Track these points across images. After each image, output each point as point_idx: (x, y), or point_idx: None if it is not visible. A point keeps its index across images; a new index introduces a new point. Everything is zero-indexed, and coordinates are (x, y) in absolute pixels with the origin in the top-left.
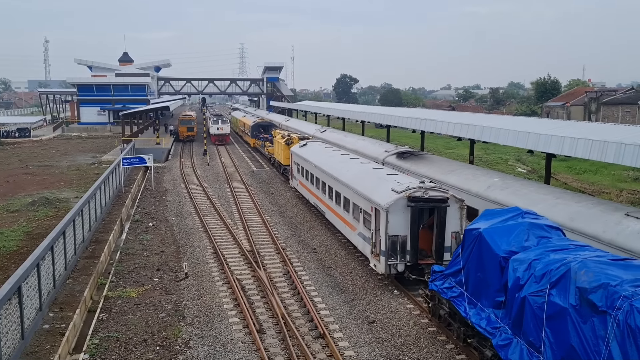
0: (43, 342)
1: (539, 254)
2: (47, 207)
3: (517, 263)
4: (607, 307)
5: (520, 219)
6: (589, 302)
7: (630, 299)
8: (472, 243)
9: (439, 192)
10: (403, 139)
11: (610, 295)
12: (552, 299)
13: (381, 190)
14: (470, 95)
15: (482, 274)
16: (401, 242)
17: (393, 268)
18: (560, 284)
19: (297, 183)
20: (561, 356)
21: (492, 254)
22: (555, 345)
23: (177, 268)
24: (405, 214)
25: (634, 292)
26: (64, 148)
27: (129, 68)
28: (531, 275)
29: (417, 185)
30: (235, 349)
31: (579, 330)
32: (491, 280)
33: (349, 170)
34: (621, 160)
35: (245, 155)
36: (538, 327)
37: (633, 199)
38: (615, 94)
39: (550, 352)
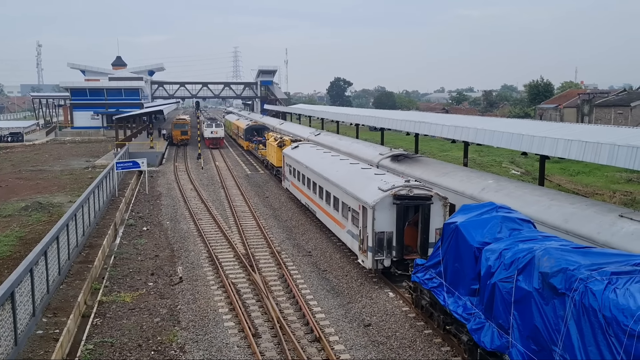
0: (37, 348)
1: (509, 244)
2: (40, 212)
3: (489, 253)
4: (566, 289)
5: (495, 213)
6: (550, 286)
7: (586, 281)
8: (450, 236)
9: (423, 190)
10: (397, 142)
11: (568, 278)
12: (519, 284)
13: (368, 189)
14: (463, 98)
15: (459, 264)
16: (387, 238)
17: (380, 263)
18: (526, 270)
19: (289, 184)
20: (526, 336)
21: (468, 246)
22: (521, 327)
23: (172, 272)
24: (391, 212)
25: (589, 275)
26: (57, 152)
27: (122, 72)
28: (501, 264)
29: (403, 184)
30: (230, 353)
31: (542, 312)
32: (467, 270)
33: (338, 171)
34: (614, 162)
35: (240, 158)
36: (507, 311)
37: (626, 200)
38: (608, 96)
39: (517, 333)
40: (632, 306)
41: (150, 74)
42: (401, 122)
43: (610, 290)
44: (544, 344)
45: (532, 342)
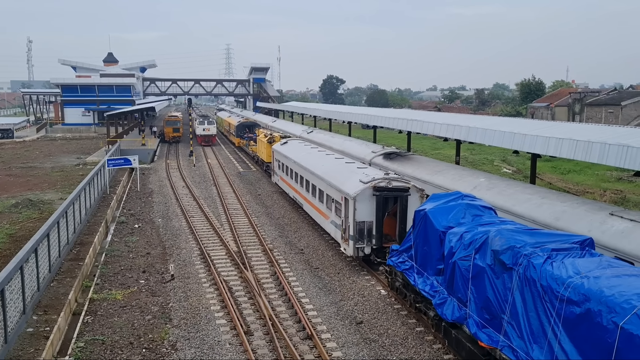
0: (27, 346)
1: (469, 227)
2: (31, 209)
3: (452, 235)
4: (513, 264)
5: (460, 201)
6: (500, 262)
7: (529, 257)
8: (419, 222)
9: (401, 182)
10: (390, 140)
11: (515, 255)
12: (476, 262)
13: (350, 182)
14: (455, 96)
15: (427, 247)
16: (367, 227)
17: (360, 251)
18: (481, 250)
19: (278, 179)
20: (480, 307)
21: (435, 230)
22: (477, 299)
23: (164, 270)
24: (371, 202)
25: (533, 251)
26: (48, 149)
27: (113, 69)
28: (461, 244)
29: (382, 176)
30: (222, 351)
31: (493, 285)
32: (434, 252)
33: (323, 165)
34: (605, 160)
35: (232, 156)
36: (465, 286)
37: (616, 199)
38: (599, 95)
39: (473, 305)
40: (564, 276)
41: (142, 70)
42: (394, 120)
43: (548, 263)
44: (495, 313)
45: (485, 312)
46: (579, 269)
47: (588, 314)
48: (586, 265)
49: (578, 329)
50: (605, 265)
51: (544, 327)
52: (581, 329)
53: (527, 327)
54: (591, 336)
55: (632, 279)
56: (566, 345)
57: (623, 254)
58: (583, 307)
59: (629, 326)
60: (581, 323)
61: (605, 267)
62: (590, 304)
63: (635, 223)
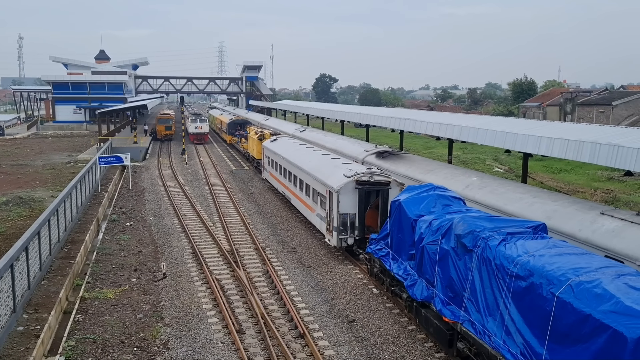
0: (17, 345)
1: (438, 215)
2: (21, 206)
3: (422, 222)
4: (473, 246)
5: (432, 192)
6: (462, 245)
7: (487, 240)
8: (395, 211)
9: (382, 176)
10: (382, 139)
11: (475, 238)
12: (442, 246)
13: (334, 176)
14: (448, 96)
15: (402, 234)
16: (350, 219)
17: (344, 242)
18: (446, 234)
19: (268, 174)
20: (445, 286)
21: (408, 218)
22: (442, 279)
23: (155, 268)
24: (354, 195)
25: (490, 235)
26: (39, 147)
27: (105, 66)
28: (430, 230)
29: (364, 171)
30: (214, 350)
31: (456, 266)
32: (407, 238)
33: (310, 161)
34: (596, 160)
35: (224, 154)
36: (432, 268)
37: (607, 198)
38: (590, 95)
39: (439, 285)
40: (514, 255)
41: (134, 68)
42: (386, 119)
43: (502, 245)
44: (457, 291)
45: (449, 290)
46: (528, 249)
47: (532, 286)
48: (534, 246)
49: (523, 300)
50: (550, 246)
51: (497, 301)
52: (526, 300)
53: (484, 302)
54: (534, 305)
55: (571, 257)
56: (514, 315)
57: (613, 253)
58: (528, 281)
59: (563, 295)
60: (526, 295)
61: (551, 247)
62: (533, 278)
63: (625, 222)
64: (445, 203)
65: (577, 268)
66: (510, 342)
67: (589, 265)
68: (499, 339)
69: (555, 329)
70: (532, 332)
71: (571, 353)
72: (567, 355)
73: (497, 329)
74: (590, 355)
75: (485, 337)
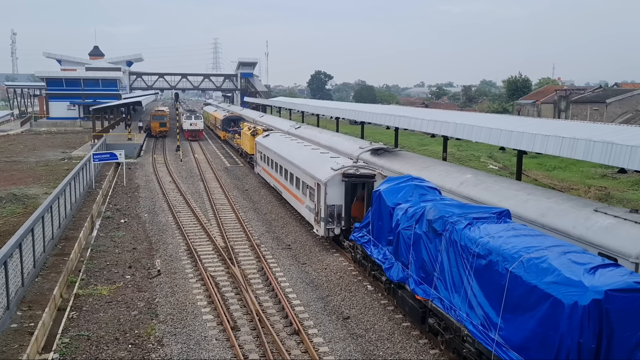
0: (11, 342)
1: (413, 203)
2: (15, 203)
3: (399, 210)
4: (442, 230)
5: (410, 182)
6: (433, 229)
7: (454, 224)
8: (375, 200)
9: (368, 169)
10: (377, 136)
11: (444, 222)
12: (415, 231)
13: (322, 169)
14: (443, 93)
15: (381, 222)
16: (337, 210)
17: (331, 232)
18: (420, 220)
19: (261, 169)
20: (418, 267)
21: (387, 207)
22: (415, 261)
23: (150, 265)
24: (340, 188)
25: (457, 219)
26: (33, 143)
27: (99, 62)
28: (405, 217)
29: (351, 164)
30: (209, 346)
31: (428, 248)
32: (386, 225)
33: (300, 155)
34: (590, 157)
35: (219, 151)
36: (407, 251)
37: (601, 195)
38: (584, 92)
39: (413, 267)
40: (477, 236)
41: (128, 64)
42: (381, 116)
43: (468, 228)
44: (429, 272)
45: (422, 271)
46: (489, 231)
47: (490, 264)
48: (495, 229)
49: (483, 277)
50: (509, 229)
51: (462, 279)
52: (485, 276)
53: (451, 280)
54: (491, 281)
55: (527, 237)
56: (475, 291)
57: (607, 250)
58: (487, 259)
59: (515, 270)
60: (485, 272)
61: (510, 230)
62: (492, 257)
63: (619, 219)
64: (422, 192)
65: (529, 247)
66: (472, 314)
67: (540, 244)
68: (463, 312)
69: (509, 301)
70: (490, 304)
71: (521, 321)
72: (518, 323)
73: (461, 304)
74: (536, 321)
75: (452, 311)
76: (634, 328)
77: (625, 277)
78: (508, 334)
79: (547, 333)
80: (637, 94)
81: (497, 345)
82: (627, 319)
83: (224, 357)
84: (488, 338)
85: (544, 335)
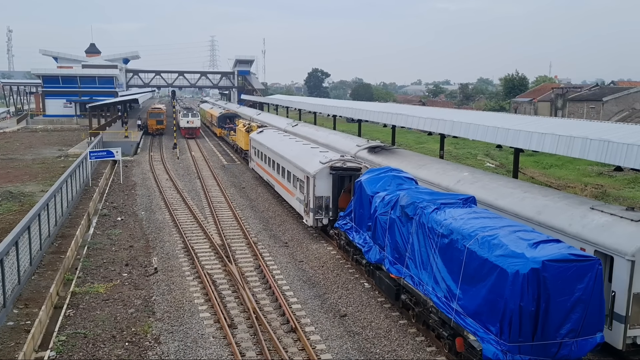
0: (7, 340)
1: (390, 191)
2: (11, 201)
3: (377, 197)
4: (413, 215)
5: (389, 173)
6: (405, 213)
7: (424, 209)
8: (357, 190)
9: (354, 163)
10: (374, 134)
11: (415, 208)
12: (391, 216)
13: (311, 163)
14: (440, 91)
15: (362, 210)
16: (325, 202)
17: (319, 222)
18: (394, 206)
19: (255, 164)
20: (392, 249)
21: (367, 195)
22: (390, 244)
23: (147, 263)
24: (328, 180)
25: (427, 205)
26: (29, 141)
27: (96, 59)
28: (382, 203)
29: (338, 158)
30: (206, 344)
31: (401, 231)
32: (366, 212)
33: (292, 150)
34: (587, 155)
35: (216, 149)
36: (383, 235)
37: (597, 193)
38: (581, 90)
39: (388, 249)
40: (442, 219)
41: (125, 62)
42: (378, 113)
43: (435, 212)
44: (401, 252)
45: (395, 252)
46: (453, 215)
47: (451, 242)
48: (459, 212)
49: (446, 253)
50: (471, 212)
51: (429, 257)
52: (447, 253)
53: (420, 259)
54: (452, 256)
55: (485, 219)
56: (439, 266)
57: (603, 248)
58: (449, 238)
59: (471, 246)
60: (447, 249)
61: (471, 213)
62: (453, 236)
63: (615, 217)
64: (399, 182)
65: (485, 227)
66: (437, 288)
67: (495, 225)
68: (429, 287)
69: (466, 273)
70: (451, 277)
71: (475, 290)
72: (473, 293)
73: (428, 279)
74: (487, 289)
75: (420, 286)
76: (568, 293)
77: (562, 250)
78: (465, 303)
79: (495, 299)
80: (633, 92)
81: (456, 313)
82: (562, 285)
83: (221, 355)
84: (449, 308)
85: (493, 301)
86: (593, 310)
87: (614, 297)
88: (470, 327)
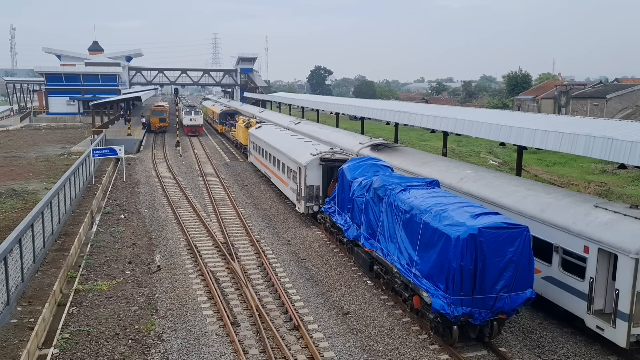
0: (11, 337)
1: (367, 177)
2: (15, 199)
3: (355, 182)
4: (384, 196)
5: (368, 161)
6: (377, 195)
7: (392, 190)
8: (340, 176)
9: (342, 155)
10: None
11: (386, 189)
12: (366, 197)
13: (303, 154)
14: (443, 88)
15: (344, 194)
16: (315, 191)
17: (310, 209)
18: (369, 189)
19: (253, 158)
20: (366, 226)
21: (347, 181)
22: (365, 222)
23: (150, 261)
24: (318, 170)
25: (395, 187)
26: (32, 139)
27: (99, 57)
28: (359, 187)
29: (328, 150)
30: (209, 342)
31: (373, 211)
32: (346, 196)
33: (287, 143)
34: (590, 153)
35: (219, 146)
36: (360, 214)
37: (600, 191)
38: (584, 88)
39: (364, 227)
40: (406, 198)
41: (127, 59)
42: (381, 111)
43: (402, 193)
44: (374, 229)
45: (369, 229)
46: (416, 195)
47: (412, 217)
48: (421, 193)
49: (408, 227)
50: (431, 192)
51: (395, 231)
52: (409, 226)
53: (388, 233)
54: (412, 228)
55: (441, 198)
56: (403, 238)
57: (607, 245)
58: (410, 214)
59: (426, 219)
60: (409, 223)
61: (431, 193)
62: (413, 211)
63: (619, 215)
64: (376, 169)
65: (439, 203)
66: (401, 257)
67: (448, 202)
68: (395, 256)
69: (422, 242)
70: (412, 247)
71: (428, 255)
72: (427, 258)
73: (394, 250)
74: (436, 253)
75: (388, 257)
76: (501, 255)
77: (497, 219)
78: (421, 267)
79: (442, 261)
80: (637, 89)
81: (415, 276)
82: (496, 248)
83: (224, 353)
84: (410, 272)
85: (441, 263)
86: (523, 270)
87: (618, 295)
88: (424, 286)
